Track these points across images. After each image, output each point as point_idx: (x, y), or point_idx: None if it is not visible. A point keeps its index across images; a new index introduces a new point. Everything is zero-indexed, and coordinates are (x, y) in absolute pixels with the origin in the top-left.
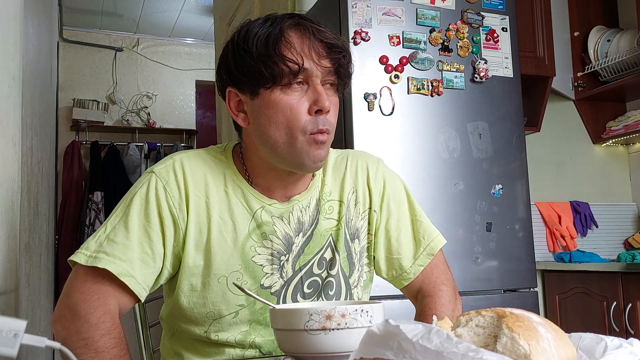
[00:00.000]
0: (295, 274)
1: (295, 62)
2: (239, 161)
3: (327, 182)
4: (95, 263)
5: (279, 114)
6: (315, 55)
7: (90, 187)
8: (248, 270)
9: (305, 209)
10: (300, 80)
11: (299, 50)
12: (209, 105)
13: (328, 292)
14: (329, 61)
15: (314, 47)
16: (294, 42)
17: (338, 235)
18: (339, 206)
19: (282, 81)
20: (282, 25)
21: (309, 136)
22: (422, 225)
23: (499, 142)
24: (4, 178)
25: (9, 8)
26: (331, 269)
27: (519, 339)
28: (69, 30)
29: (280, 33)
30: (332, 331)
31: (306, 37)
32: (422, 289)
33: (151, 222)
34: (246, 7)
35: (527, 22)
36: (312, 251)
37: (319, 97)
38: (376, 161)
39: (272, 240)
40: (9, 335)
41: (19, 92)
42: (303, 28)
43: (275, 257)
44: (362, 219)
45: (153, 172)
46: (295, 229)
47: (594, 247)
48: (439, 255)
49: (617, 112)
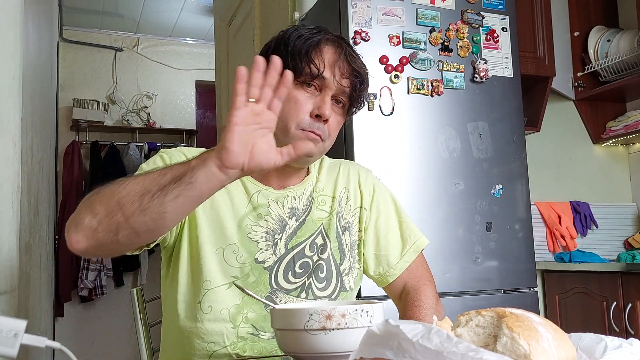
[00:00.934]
0: (287, 252)
1: (317, 67)
2: None
3: (321, 179)
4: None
5: (284, 103)
6: (338, 71)
7: (91, 187)
8: (244, 245)
9: (299, 197)
10: (315, 85)
11: (326, 61)
12: (209, 105)
13: (318, 274)
14: (348, 81)
15: (341, 65)
16: (325, 53)
17: (329, 225)
18: (331, 201)
19: (299, 78)
20: (323, 37)
21: (301, 131)
22: (408, 226)
23: (499, 142)
24: (4, 178)
25: (9, 8)
26: (322, 254)
27: (519, 338)
28: (69, 30)
29: (318, 41)
30: (332, 331)
31: (338, 54)
32: (406, 284)
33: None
34: (246, 7)
35: (527, 22)
36: (304, 234)
37: (323, 105)
38: (365, 170)
39: (267, 220)
40: (9, 335)
41: (19, 92)
42: (339, 46)
43: (270, 234)
44: (353, 216)
45: (159, 152)
46: (289, 212)
47: (594, 247)
48: (422, 256)
49: (617, 112)
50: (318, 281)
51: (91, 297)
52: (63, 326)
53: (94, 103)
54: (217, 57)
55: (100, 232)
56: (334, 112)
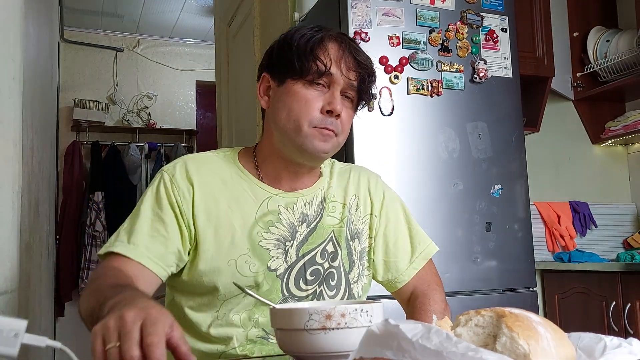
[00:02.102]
0: (298, 260)
1: (324, 63)
2: (247, 160)
3: (333, 185)
4: (110, 249)
5: (294, 103)
6: (344, 66)
7: (91, 187)
8: (255, 254)
9: (309, 204)
10: (323, 83)
11: (332, 57)
12: (210, 105)
13: (329, 282)
14: (355, 75)
15: (346, 59)
16: (330, 49)
17: (340, 233)
18: (342, 207)
19: (307, 77)
20: (325, 34)
21: (314, 128)
22: (417, 233)
23: (498, 142)
24: (5, 178)
25: (9, 9)
26: (333, 261)
27: (519, 338)
28: (70, 31)
29: (321, 38)
30: (332, 331)
31: (342, 49)
32: (415, 289)
33: (163, 209)
34: (246, 7)
35: (527, 22)
36: (316, 241)
37: (333, 100)
38: (375, 176)
39: (277, 227)
40: (10, 335)
41: (19, 92)
42: (342, 42)
43: (281, 242)
44: (363, 223)
45: (162, 170)
46: (299, 219)
47: (593, 247)
48: (431, 262)
49: (616, 112)
50: (329, 289)
51: None
52: (64, 326)
53: (94, 103)
54: (217, 57)
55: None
56: (345, 106)
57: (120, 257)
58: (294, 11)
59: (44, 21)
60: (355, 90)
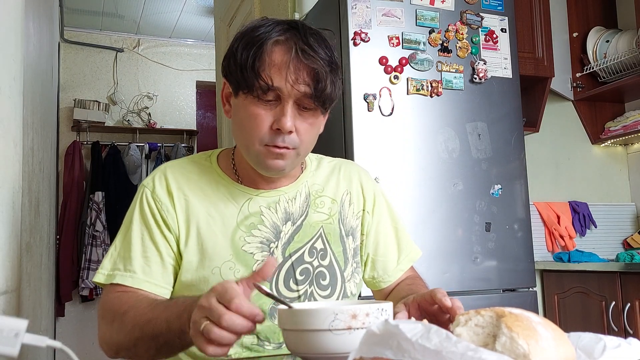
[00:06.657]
0: (285, 260)
1: (265, 81)
2: (225, 163)
3: (318, 180)
4: (113, 280)
5: (245, 120)
6: (292, 77)
7: (91, 187)
8: (239, 259)
9: (292, 201)
10: (271, 98)
11: (277, 68)
12: (210, 105)
13: (320, 282)
14: (307, 86)
15: (294, 68)
16: (275, 60)
17: (330, 229)
18: (330, 202)
19: (253, 92)
20: (269, 40)
21: (265, 147)
22: (404, 235)
23: (498, 142)
24: (5, 178)
25: (9, 9)
26: (322, 259)
27: (518, 338)
28: (70, 31)
29: (262, 50)
30: (356, 330)
31: (288, 55)
32: (400, 282)
33: (151, 228)
34: (246, 7)
35: (526, 23)
36: (302, 240)
37: (281, 117)
38: (365, 172)
39: (260, 229)
40: (10, 335)
41: (20, 92)
42: (288, 46)
43: (265, 244)
44: (357, 219)
45: (143, 184)
46: (283, 218)
47: (592, 247)
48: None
49: (615, 112)
50: (320, 289)
51: (92, 296)
52: (64, 326)
53: (94, 103)
54: (218, 57)
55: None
56: (301, 117)
57: (122, 286)
58: (294, 11)
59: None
60: (311, 97)
